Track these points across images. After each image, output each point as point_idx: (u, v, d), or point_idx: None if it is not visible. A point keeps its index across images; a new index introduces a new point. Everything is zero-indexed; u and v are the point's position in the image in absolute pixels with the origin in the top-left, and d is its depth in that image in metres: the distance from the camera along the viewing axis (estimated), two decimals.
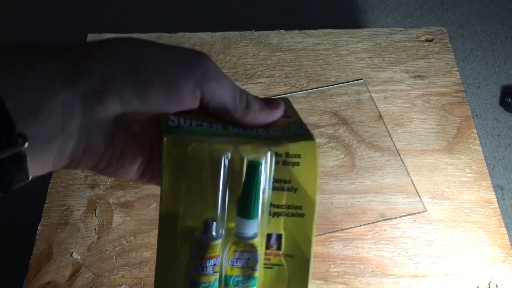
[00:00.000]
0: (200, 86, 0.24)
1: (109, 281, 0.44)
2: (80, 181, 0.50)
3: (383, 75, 0.57)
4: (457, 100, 0.55)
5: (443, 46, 0.60)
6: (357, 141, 0.52)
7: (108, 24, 1.43)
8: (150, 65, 0.24)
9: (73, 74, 0.22)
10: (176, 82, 0.24)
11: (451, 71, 0.57)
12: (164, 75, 0.24)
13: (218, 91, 0.25)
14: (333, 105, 0.55)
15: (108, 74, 0.22)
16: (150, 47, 0.25)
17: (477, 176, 0.50)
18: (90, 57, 0.23)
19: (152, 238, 0.46)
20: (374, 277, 0.44)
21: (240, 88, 0.26)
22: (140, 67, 0.23)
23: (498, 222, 0.47)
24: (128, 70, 0.23)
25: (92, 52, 0.23)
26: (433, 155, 0.51)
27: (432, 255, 0.45)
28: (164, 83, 0.24)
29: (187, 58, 0.25)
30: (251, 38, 0.60)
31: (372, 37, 0.61)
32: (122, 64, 0.23)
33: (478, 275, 0.44)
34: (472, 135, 0.52)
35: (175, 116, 0.25)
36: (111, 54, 0.23)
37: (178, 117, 0.25)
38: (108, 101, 0.22)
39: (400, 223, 0.47)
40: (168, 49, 0.25)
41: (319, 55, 0.59)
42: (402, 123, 0.53)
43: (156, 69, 0.24)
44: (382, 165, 0.50)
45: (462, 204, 0.48)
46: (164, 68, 0.24)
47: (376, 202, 0.48)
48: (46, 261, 0.45)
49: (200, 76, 0.24)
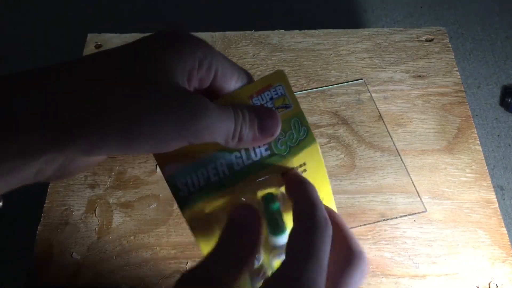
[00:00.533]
0: (192, 142, 0.24)
1: (109, 281, 0.44)
2: (80, 181, 0.50)
3: (383, 75, 0.57)
4: (457, 100, 0.55)
5: (443, 46, 0.60)
6: (357, 141, 0.52)
7: (108, 24, 1.43)
8: (141, 127, 0.23)
9: (59, 144, 0.22)
10: (165, 142, 0.24)
11: (451, 71, 0.57)
12: (155, 136, 0.23)
13: (210, 140, 0.25)
14: (333, 105, 0.55)
15: (97, 143, 0.22)
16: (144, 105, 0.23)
17: (477, 176, 0.50)
18: (79, 126, 0.22)
19: (152, 238, 0.46)
20: (374, 277, 0.44)
21: (234, 127, 0.26)
22: (132, 131, 0.23)
23: (498, 222, 0.47)
24: (118, 136, 0.23)
25: (81, 122, 0.22)
26: (433, 155, 0.51)
27: (432, 255, 0.45)
28: (153, 142, 0.23)
29: (181, 115, 0.24)
30: (251, 38, 0.60)
31: (372, 37, 0.61)
32: (113, 134, 0.22)
33: (478, 275, 0.44)
34: (472, 135, 0.52)
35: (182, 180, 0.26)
36: (102, 126, 0.22)
37: (185, 178, 0.26)
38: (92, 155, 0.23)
39: (400, 223, 0.47)
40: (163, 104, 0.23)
41: (319, 55, 0.59)
42: (402, 123, 0.53)
43: (148, 131, 0.23)
44: (382, 165, 0.50)
45: (462, 204, 0.48)
46: (155, 130, 0.23)
47: (376, 202, 0.48)
48: (46, 261, 0.45)
49: (192, 136, 0.24)
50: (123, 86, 0.23)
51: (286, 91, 0.28)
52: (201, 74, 0.26)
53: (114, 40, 0.60)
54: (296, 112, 0.28)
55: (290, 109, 0.28)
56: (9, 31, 1.47)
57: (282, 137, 0.27)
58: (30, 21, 1.49)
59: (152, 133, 0.23)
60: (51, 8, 1.52)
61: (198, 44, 0.26)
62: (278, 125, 0.27)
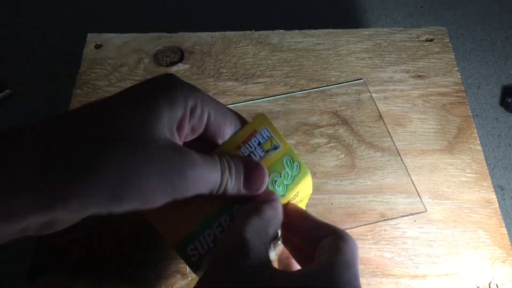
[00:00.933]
0: (178, 198, 0.25)
1: (109, 281, 0.44)
2: None
3: (383, 75, 0.57)
4: (458, 100, 0.55)
5: (443, 46, 0.60)
6: (357, 141, 0.52)
7: (108, 24, 1.43)
8: (130, 188, 0.23)
9: (46, 207, 0.21)
10: (153, 199, 0.24)
11: (451, 71, 0.57)
12: (143, 195, 0.24)
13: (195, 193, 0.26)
14: (333, 105, 0.55)
15: (85, 205, 0.22)
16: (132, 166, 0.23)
17: (477, 176, 0.50)
18: (66, 188, 0.22)
19: (152, 238, 0.46)
20: (374, 277, 0.44)
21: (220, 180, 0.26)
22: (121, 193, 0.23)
23: (498, 222, 0.47)
24: (107, 197, 0.23)
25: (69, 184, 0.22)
26: (434, 155, 0.51)
27: (432, 255, 0.45)
28: (141, 201, 0.24)
29: (167, 174, 0.24)
30: (251, 38, 0.60)
31: (372, 37, 0.61)
32: (102, 196, 0.23)
33: (478, 275, 0.44)
34: (473, 135, 0.52)
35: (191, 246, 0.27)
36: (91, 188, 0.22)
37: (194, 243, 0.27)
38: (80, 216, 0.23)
39: (400, 223, 0.47)
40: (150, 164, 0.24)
41: (319, 55, 0.59)
42: (402, 123, 0.53)
43: (136, 191, 0.23)
44: (382, 165, 0.50)
45: (462, 204, 0.48)
46: (144, 189, 0.24)
47: (376, 202, 0.48)
48: (46, 261, 0.45)
49: (179, 193, 0.25)
50: (112, 144, 0.23)
51: (272, 133, 0.29)
52: (193, 122, 0.26)
53: (114, 40, 0.60)
54: (286, 150, 0.29)
55: (280, 149, 0.29)
56: (9, 31, 1.47)
57: (277, 178, 0.28)
58: (30, 21, 1.49)
59: (140, 192, 0.23)
60: (51, 8, 1.51)
61: (190, 92, 0.26)
62: (265, 182, 0.27)
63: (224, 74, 0.57)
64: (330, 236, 0.26)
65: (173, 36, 0.60)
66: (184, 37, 0.60)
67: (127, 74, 0.57)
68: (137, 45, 0.59)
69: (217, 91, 0.55)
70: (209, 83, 0.56)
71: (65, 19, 1.46)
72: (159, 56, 0.58)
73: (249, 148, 0.28)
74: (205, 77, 0.57)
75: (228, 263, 0.23)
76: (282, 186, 0.28)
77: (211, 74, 0.57)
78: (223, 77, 0.57)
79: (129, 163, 0.23)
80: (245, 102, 0.54)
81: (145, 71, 0.57)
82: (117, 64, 0.58)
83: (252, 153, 0.28)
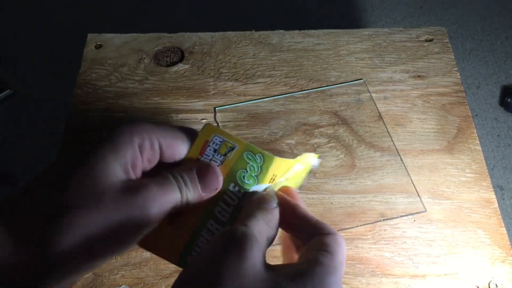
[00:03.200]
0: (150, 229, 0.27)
1: (109, 281, 0.44)
2: None
3: (383, 75, 0.57)
4: (457, 100, 0.55)
5: (443, 46, 0.60)
6: (357, 141, 0.52)
7: (108, 24, 1.43)
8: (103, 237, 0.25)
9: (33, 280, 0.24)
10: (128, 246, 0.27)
11: (451, 71, 0.57)
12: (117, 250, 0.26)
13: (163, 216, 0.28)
14: (333, 105, 0.55)
15: (68, 284, 0.25)
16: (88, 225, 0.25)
17: (477, 176, 0.50)
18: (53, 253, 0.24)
19: None
20: (374, 277, 0.44)
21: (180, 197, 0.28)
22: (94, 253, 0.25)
23: (498, 222, 0.47)
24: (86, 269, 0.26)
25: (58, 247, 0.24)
26: (433, 155, 0.51)
27: (432, 255, 0.45)
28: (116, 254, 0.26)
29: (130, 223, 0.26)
30: (251, 38, 0.60)
31: (372, 37, 0.61)
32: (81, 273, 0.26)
33: (478, 275, 0.44)
34: (472, 135, 0.52)
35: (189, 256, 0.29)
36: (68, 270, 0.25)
37: (191, 253, 0.28)
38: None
39: (400, 223, 0.47)
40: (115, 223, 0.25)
41: (319, 55, 0.59)
42: (402, 123, 0.53)
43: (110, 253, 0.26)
44: (382, 165, 0.50)
45: (462, 204, 0.48)
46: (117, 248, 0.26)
47: (376, 202, 0.48)
48: None
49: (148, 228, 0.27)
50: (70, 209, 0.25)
51: (223, 137, 0.30)
52: (147, 155, 0.28)
53: (114, 40, 0.60)
54: (244, 146, 0.30)
55: (237, 148, 0.30)
56: (9, 31, 1.47)
57: (245, 173, 0.30)
58: (30, 21, 1.49)
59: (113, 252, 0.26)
60: (51, 8, 1.52)
61: (134, 131, 0.28)
62: (219, 179, 0.29)
63: (224, 74, 0.57)
64: (324, 236, 0.27)
65: (173, 36, 0.60)
66: (184, 37, 0.60)
67: (127, 74, 0.57)
68: (137, 45, 0.59)
69: (217, 91, 0.55)
70: (209, 83, 0.56)
71: (65, 19, 1.46)
72: (159, 56, 0.58)
73: (208, 157, 0.30)
74: (205, 77, 0.57)
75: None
76: (252, 179, 0.30)
77: (211, 74, 0.57)
78: (223, 77, 0.57)
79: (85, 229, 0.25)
80: (245, 102, 0.54)
81: (145, 71, 0.57)
82: (117, 64, 0.58)
83: (212, 160, 0.30)
